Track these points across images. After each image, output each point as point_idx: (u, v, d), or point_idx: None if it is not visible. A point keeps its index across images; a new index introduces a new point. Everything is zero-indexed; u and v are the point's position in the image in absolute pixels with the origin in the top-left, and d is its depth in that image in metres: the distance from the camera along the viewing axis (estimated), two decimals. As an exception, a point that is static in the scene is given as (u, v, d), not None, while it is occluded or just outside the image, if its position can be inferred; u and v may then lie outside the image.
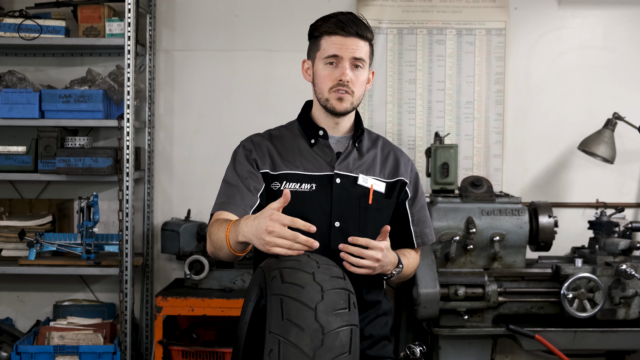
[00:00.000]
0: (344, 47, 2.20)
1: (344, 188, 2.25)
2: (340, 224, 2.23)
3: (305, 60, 2.33)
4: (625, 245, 3.69)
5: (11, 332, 4.13)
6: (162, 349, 3.73)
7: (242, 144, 2.32)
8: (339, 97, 2.23)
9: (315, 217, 2.20)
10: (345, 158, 2.28)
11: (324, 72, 2.23)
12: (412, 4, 4.25)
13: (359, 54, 2.22)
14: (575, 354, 3.96)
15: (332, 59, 2.22)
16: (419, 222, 2.37)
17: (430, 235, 2.42)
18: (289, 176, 2.24)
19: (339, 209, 2.23)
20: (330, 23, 2.22)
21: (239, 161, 2.28)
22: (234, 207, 2.18)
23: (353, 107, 2.26)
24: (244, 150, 2.29)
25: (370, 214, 2.26)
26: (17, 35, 3.87)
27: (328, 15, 2.25)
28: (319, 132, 2.29)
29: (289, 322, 1.75)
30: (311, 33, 2.28)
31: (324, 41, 2.23)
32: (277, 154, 2.28)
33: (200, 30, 4.28)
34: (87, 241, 3.88)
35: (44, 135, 3.95)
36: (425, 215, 2.40)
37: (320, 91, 2.26)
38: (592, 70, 4.28)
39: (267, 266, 1.92)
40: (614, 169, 4.22)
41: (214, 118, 4.29)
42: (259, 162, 2.26)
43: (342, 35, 2.21)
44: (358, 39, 2.22)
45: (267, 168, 2.26)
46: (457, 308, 3.61)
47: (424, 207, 2.40)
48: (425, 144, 4.24)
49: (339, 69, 2.22)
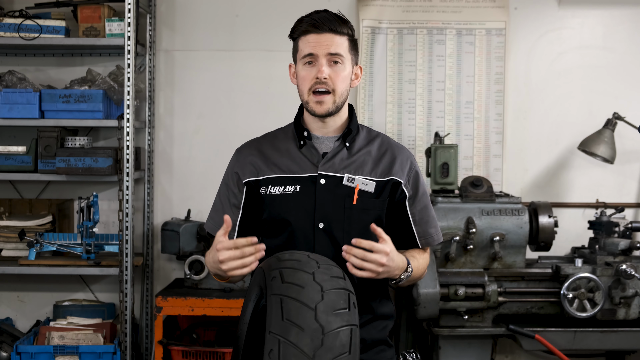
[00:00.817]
0: (319, 44, 2.19)
1: (329, 189, 2.22)
2: (324, 225, 2.21)
3: (291, 64, 2.32)
4: (625, 245, 3.69)
5: (11, 332, 4.13)
6: (162, 349, 3.73)
7: (234, 154, 2.37)
8: (317, 100, 2.21)
9: (298, 219, 2.20)
10: (331, 158, 2.26)
11: (303, 72, 2.23)
12: (412, 4, 4.25)
13: (334, 49, 2.20)
14: (575, 354, 3.96)
15: (308, 57, 2.21)
16: (421, 222, 2.32)
17: (436, 235, 2.35)
18: (272, 180, 2.25)
19: (323, 210, 2.21)
20: (304, 23, 2.23)
21: (227, 173, 2.35)
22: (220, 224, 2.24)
23: (336, 106, 2.23)
24: (231, 162, 2.36)
25: (355, 215, 2.22)
26: (17, 35, 3.87)
27: (303, 16, 2.26)
28: (303, 133, 2.29)
29: (289, 322, 1.75)
30: (290, 36, 2.29)
31: (301, 42, 2.24)
32: (262, 160, 2.29)
33: (200, 30, 4.28)
34: (87, 241, 3.88)
35: (44, 135, 3.96)
36: (429, 214, 2.34)
37: (301, 92, 2.25)
38: (592, 70, 4.28)
39: (267, 266, 1.93)
40: (614, 169, 4.22)
41: (214, 118, 4.29)
42: (239, 174, 2.30)
43: (315, 33, 2.20)
44: (333, 35, 2.20)
45: (248, 177, 2.28)
46: (457, 308, 3.61)
47: (427, 206, 2.34)
48: (425, 144, 4.24)
49: (316, 67, 2.21)
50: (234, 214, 2.28)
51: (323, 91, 2.21)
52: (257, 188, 2.26)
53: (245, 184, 2.28)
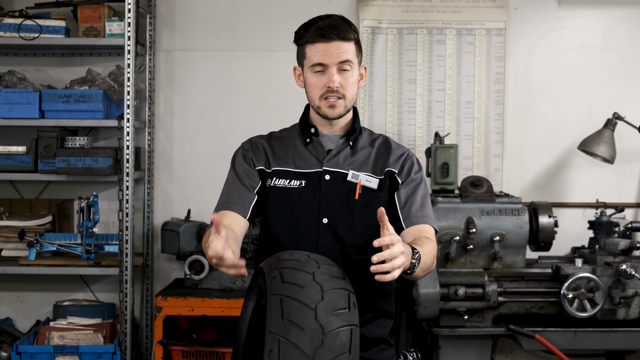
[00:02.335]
0: (328, 53, 2.19)
1: (333, 185, 2.24)
2: (329, 221, 2.22)
3: (296, 67, 2.32)
4: (625, 245, 3.69)
5: (11, 332, 4.13)
6: (162, 349, 3.73)
7: (242, 145, 2.37)
8: (330, 104, 2.23)
9: (303, 214, 2.21)
10: (335, 155, 2.28)
11: (312, 79, 2.23)
12: (412, 4, 4.25)
13: (344, 57, 2.20)
14: (575, 354, 3.96)
15: (318, 67, 2.21)
16: (406, 204, 2.24)
17: (423, 218, 2.24)
18: (279, 173, 2.27)
19: (327, 205, 2.23)
20: (311, 32, 2.21)
21: (237, 161, 2.33)
22: (233, 206, 2.24)
23: (347, 109, 2.26)
24: (242, 151, 2.34)
25: (357, 210, 2.24)
26: (17, 35, 3.87)
27: (308, 23, 2.24)
28: (310, 130, 2.30)
29: (289, 322, 1.75)
30: (296, 41, 2.28)
31: (308, 50, 2.23)
32: (271, 152, 2.31)
33: (200, 30, 4.28)
34: (87, 241, 3.88)
35: (44, 135, 3.96)
36: (415, 198, 2.25)
37: (311, 99, 2.27)
38: (592, 70, 4.28)
39: (267, 266, 1.93)
40: (614, 169, 4.22)
41: (214, 118, 4.29)
42: (255, 160, 2.30)
43: (324, 42, 2.19)
44: (341, 42, 2.20)
45: (262, 165, 2.30)
46: (457, 308, 3.61)
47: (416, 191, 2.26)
48: (425, 144, 4.24)
49: (327, 76, 2.21)
50: (251, 195, 2.24)
51: (334, 99, 2.23)
52: (265, 179, 2.29)
53: (258, 171, 2.30)
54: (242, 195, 2.24)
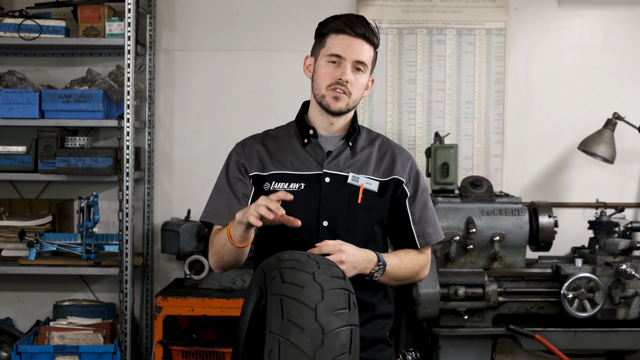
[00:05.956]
0: (349, 47, 2.21)
1: (333, 187, 2.24)
2: (329, 223, 2.22)
3: (308, 56, 2.33)
4: (625, 245, 3.69)
5: (11, 332, 4.13)
6: (162, 349, 3.73)
7: (235, 148, 2.35)
8: (335, 95, 2.23)
9: (303, 217, 2.19)
10: (335, 157, 2.27)
11: (325, 69, 2.23)
12: (412, 4, 4.25)
13: (362, 57, 2.22)
14: (575, 354, 3.96)
15: (335, 57, 2.22)
16: (420, 220, 2.32)
17: (435, 234, 2.35)
18: (277, 176, 2.26)
19: (328, 208, 2.23)
20: (340, 21, 2.23)
21: (229, 166, 2.31)
22: (220, 219, 2.25)
23: (348, 108, 2.26)
24: (235, 155, 2.33)
25: (359, 213, 2.24)
26: (17, 35, 3.87)
27: (338, 14, 2.27)
28: (309, 132, 2.30)
29: (289, 322, 1.75)
30: (319, 30, 2.29)
31: (330, 39, 2.23)
32: (267, 155, 2.29)
33: (200, 30, 4.28)
34: (87, 241, 3.88)
35: (44, 135, 3.96)
36: (428, 214, 2.34)
37: (317, 87, 2.26)
38: (592, 70, 4.28)
39: (267, 266, 1.93)
40: (614, 169, 4.22)
41: (214, 118, 4.29)
42: (247, 166, 2.29)
43: (349, 34, 2.21)
44: (364, 42, 2.23)
45: (255, 170, 2.28)
46: (457, 308, 3.61)
47: (427, 205, 2.34)
48: (425, 144, 4.24)
49: (340, 69, 2.22)
50: (244, 204, 2.25)
51: (340, 92, 2.23)
52: (261, 183, 2.27)
53: (251, 177, 2.28)
54: (232, 207, 2.24)
